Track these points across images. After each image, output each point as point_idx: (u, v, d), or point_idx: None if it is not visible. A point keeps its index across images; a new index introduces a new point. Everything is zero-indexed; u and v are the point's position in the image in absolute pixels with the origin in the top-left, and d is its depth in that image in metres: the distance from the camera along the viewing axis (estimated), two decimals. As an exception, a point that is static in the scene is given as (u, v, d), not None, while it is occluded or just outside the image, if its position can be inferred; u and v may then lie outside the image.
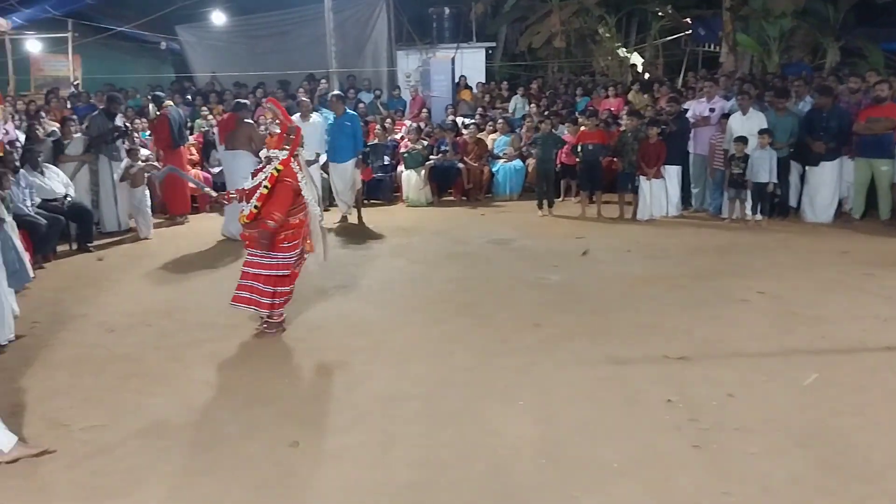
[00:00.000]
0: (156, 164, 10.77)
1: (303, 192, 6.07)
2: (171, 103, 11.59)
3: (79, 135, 10.41)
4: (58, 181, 9.47)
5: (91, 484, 4.11)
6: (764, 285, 7.28)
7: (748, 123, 10.07)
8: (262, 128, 10.14)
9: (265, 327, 6.34)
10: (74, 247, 9.55)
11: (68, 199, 9.46)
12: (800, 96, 10.90)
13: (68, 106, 14.05)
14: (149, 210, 10.35)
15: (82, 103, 14.32)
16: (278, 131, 6.20)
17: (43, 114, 11.91)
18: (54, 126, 11.05)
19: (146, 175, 10.31)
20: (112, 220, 10.51)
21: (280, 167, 5.98)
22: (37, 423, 4.83)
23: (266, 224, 5.86)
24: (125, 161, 10.30)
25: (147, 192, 10.35)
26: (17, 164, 8.85)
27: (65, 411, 5.01)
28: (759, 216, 9.99)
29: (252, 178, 6.23)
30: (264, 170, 6.11)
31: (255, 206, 5.99)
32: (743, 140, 9.89)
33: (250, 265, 6.12)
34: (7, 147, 9.07)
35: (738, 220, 10.16)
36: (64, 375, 5.64)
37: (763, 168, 9.75)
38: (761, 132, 9.83)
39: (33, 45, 17.30)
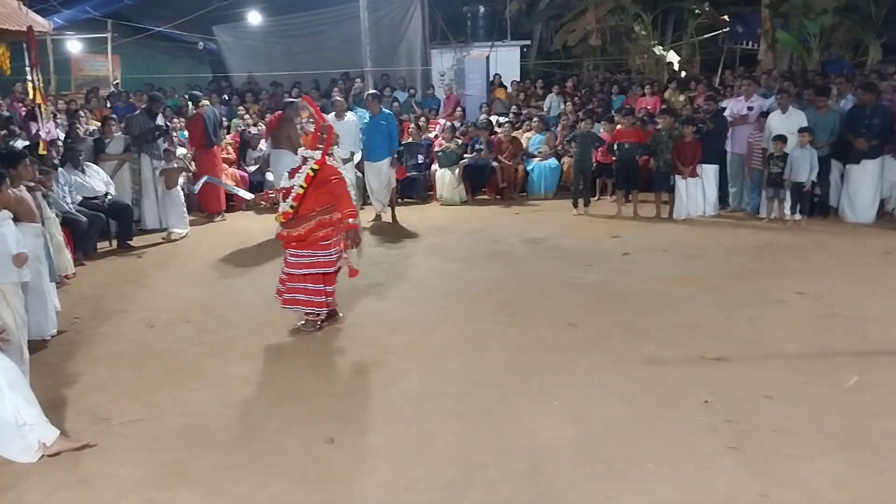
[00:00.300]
0: (190, 165, 10.83)
1: None
2: (208, 102, 11.71)
3: (119, 134, 10.56)
4: (98, 179, 9.62)
5: (131, 477, 4.18)
6: (803, 286, 7.18)
7: (787, 122, 9.92)
8: (299, 126, 10.19)
9: (302, 324, 6.40)
10: (115, 244, 9.70)
11: (109, 197, 9.62)
12: (842, 94, 10.72)
13: (108, 105, 14.27)
14: (184, 209, 10.38)
15: (121, 103, 14.54)
16: (313, 130, 6.27)
17: (82, 113, 12.09)
18: (95, 125, 11.22)
19: (181, 177, 10.38)
20: (153, 218, 10.64)
21: (316, 167, 6.05)
22: (78, 418, 4.92)
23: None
24: (161, 161, 10.37)
25: (181, 192, 10.37)
26: (56, 162, 8.97)
27: (105, 406, 5.10)
28: (798, 216, 9.83)
29: (289, 178, 6.30)
30: (300, 170, 6.18)
31: (291, 206, 6.08)
32: (782, 139, 9.75)
33: (295, 266, 6.20)
34: (48, 146, 9.25)
35: (777, 219, 10.01)
36: (104, 370, 5.74)
37: (803, 167, 9.61)
38: (801, 130, 9.68)
39: (74, 45, 17.62)
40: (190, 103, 11.61)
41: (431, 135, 13.29)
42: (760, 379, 5.17)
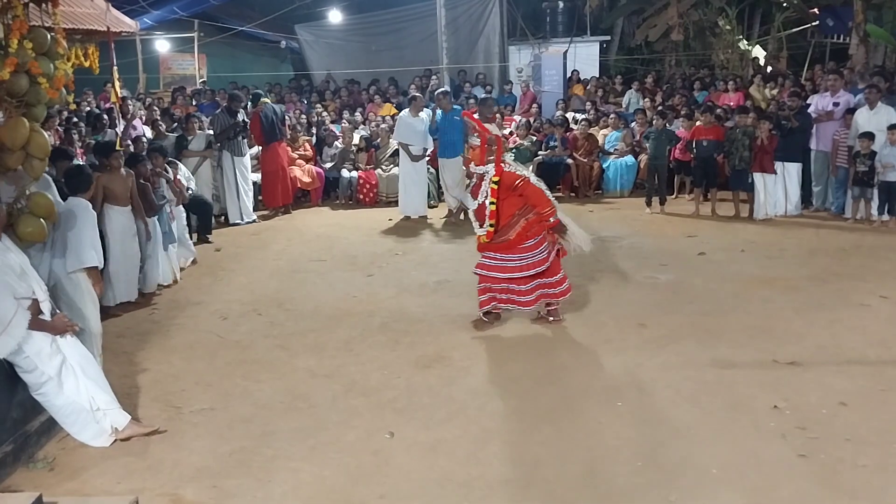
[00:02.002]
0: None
1: None
2: (268, 101, 11.92)
3: (201, 131, 10.86)
4: (180, 175, 9.88)
5: (197, 464, 4.31)
6: (887, 289, 6.88)
7: (875, 118, 9.51)
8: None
9: (547, 314, 6.43)
10: (194, 237, 9.96)
11: (190, 192, 9.86)
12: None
13: (193, 103, 14.69)
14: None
15: (206, 101, 14.94)
16: (478, 143, 6.18)
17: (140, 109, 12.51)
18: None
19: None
20: (235, 213, 10.99)
21: (497, 178, 6.01)
22: (151, 404, 5.10)
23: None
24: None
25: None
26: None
27: (177, 394, 5.27)
28: (885, 216, 9.42)
29: (471, 197, 6.34)
30: (480, 188, 6.17)
31: (491, 225, 6.09)
32: (869, 136, 9.36)
33: (498, 269, 6.15)
34: (134, 142, 9.58)
35: (863, 220, 9.62)
36: (178, 360, 5.93)
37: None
38: (891, 128, 9.27)
39: (162, 44, 18.18)
40: (251, 103, 11.87)
41: (506, 131, 13.23)
42: (836, 385, 4.98)
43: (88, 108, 13.16)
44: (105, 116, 11.44)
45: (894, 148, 9.24)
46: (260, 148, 11.70)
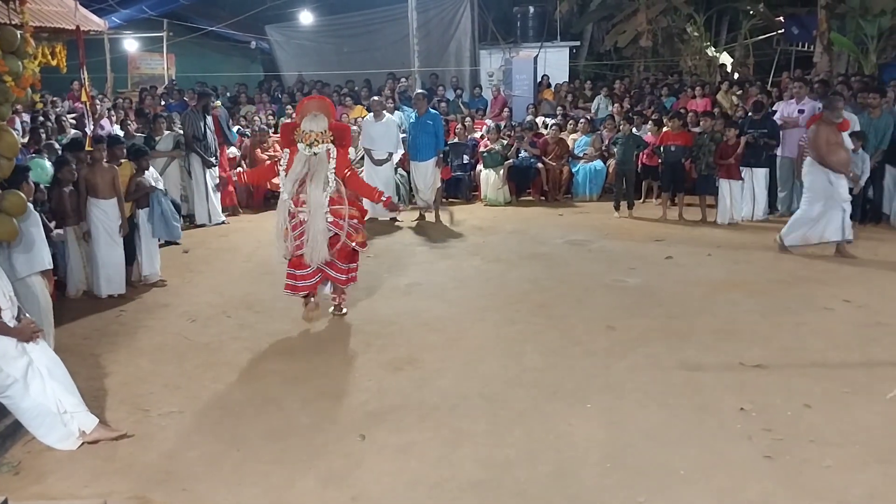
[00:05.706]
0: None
1: None
2: (219, 103, 12.00)
3: (168, 131, 10.76)
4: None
5: (166, 468, 4.28)
6: (850, 293, 7.01)
7: (839, 125, 9.68)
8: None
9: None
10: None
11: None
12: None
13: (161, 103, 14.55)
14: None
15: (174, 101, 14.80)
16: None
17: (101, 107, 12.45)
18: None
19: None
20: (203, 214, 10.91)
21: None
22: (119, 407, 5.05)
23: None
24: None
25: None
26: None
27: (145, 397, 5.22)
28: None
29: None
30: None
31: None
32: (833, 143, 9.51)
33: None
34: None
35: (827, 225, 9.77)
36: (146, 362, 5.87)
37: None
38: (853, 135, 9.43)
39: (130, 44, 18.01)
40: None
41: (477, 135, 13.28)
42: (800, 387, 5.07)
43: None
44: (65, 117, 11.28)
45: (856, 155, 9.40)
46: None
